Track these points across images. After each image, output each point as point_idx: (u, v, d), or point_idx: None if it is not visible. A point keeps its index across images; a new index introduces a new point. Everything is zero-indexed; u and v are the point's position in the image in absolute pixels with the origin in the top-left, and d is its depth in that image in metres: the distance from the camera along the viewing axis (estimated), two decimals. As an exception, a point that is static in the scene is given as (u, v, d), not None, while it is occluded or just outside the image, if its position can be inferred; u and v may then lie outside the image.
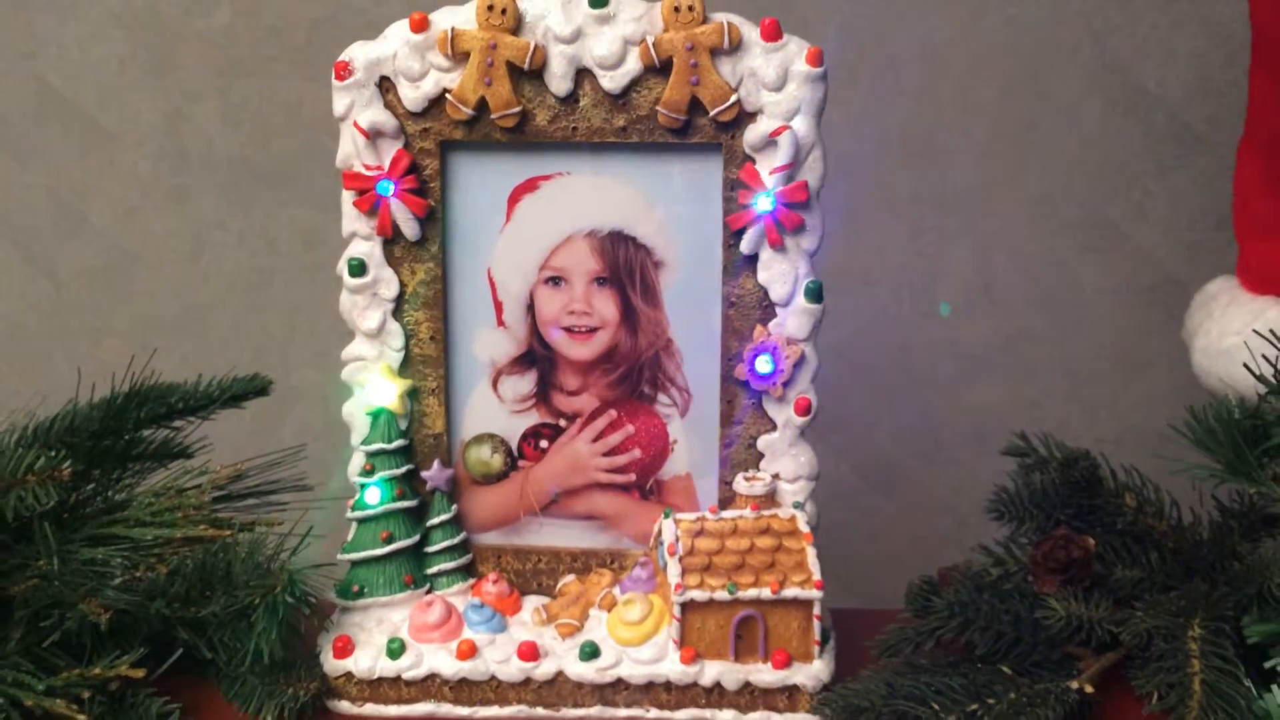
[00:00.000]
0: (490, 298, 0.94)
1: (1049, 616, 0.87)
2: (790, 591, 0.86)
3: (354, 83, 0.89)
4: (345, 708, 0.90)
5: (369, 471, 0.94)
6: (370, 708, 0.90)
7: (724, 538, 0.89)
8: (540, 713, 0.89)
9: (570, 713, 0.89)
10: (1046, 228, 1.44)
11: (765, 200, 0.88)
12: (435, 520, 0.96)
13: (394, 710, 0.90)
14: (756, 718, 0.88)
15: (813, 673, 0.87)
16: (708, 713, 0.88)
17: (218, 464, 0.96)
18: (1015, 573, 0.94)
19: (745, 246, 0.90)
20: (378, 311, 0.93)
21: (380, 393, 0.94)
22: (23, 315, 1.52)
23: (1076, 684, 0.83)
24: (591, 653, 0.89)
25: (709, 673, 0.88)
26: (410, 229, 0.91)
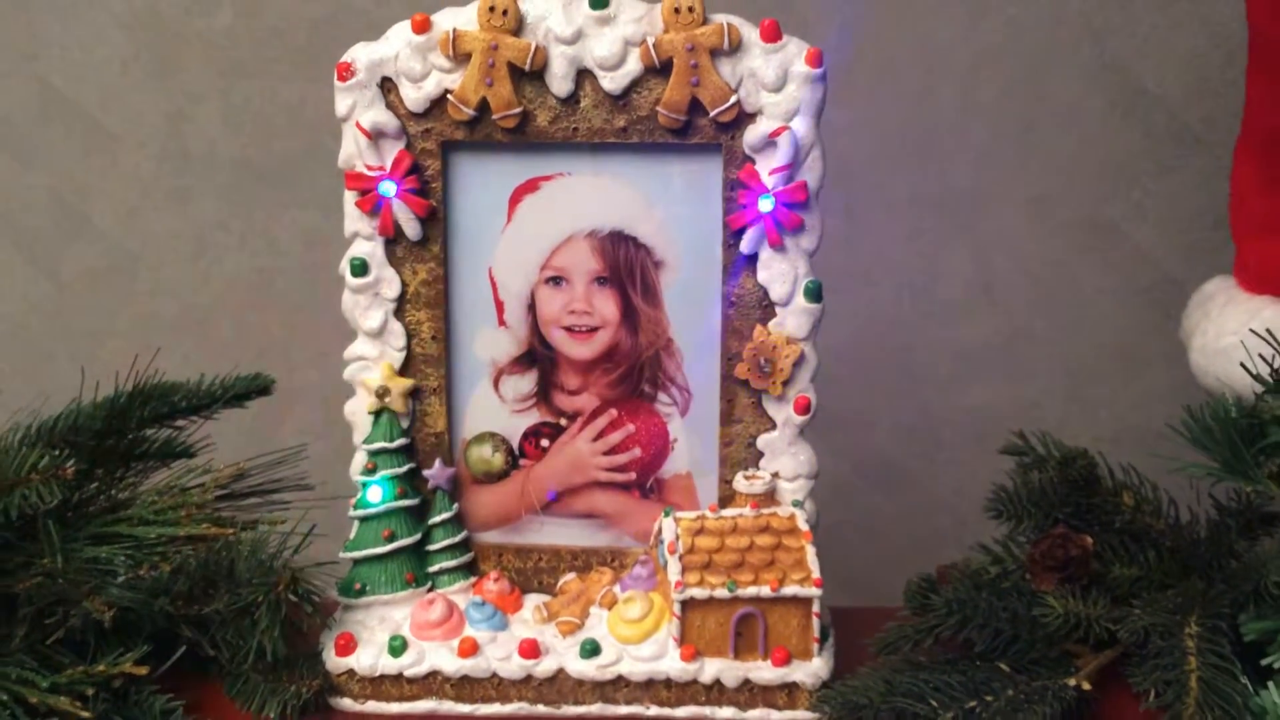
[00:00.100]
0: (491, 297, 0.95)
1: (1047, 614, 0.87)
2: (789, 589, 0.87)
3: (356, 83, 0.89)
4: (347, 705, 0.90)
5: (371, 470, 0.94)
6: (372, 705, 0.90)
7: (724, 536, 0.89)
8: (541, 710, 0.90)
9: (571, 710, 0.89)
10: (1045, 228, 1.44)
11: (765, 200, 0.88)
12: (437, 519, 0.96)
13: (396, 707, 0.90)
14: (756, 715, 0.88)
15: (812, 670, 0.88)
16: (707, 710, 0.89)
17: (220, 463, 0.96)
18: (1013, 571, 0.94)
19: (745, 246, 0.90)
20: (380, 311, 0.93)
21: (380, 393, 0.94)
22: (26, 315, 1.52)
23: (1074, 681, 0.83)
24: (592, 650, 0.89)
25: (709, 670, 0.88)
26: (412, 229, 0.91)
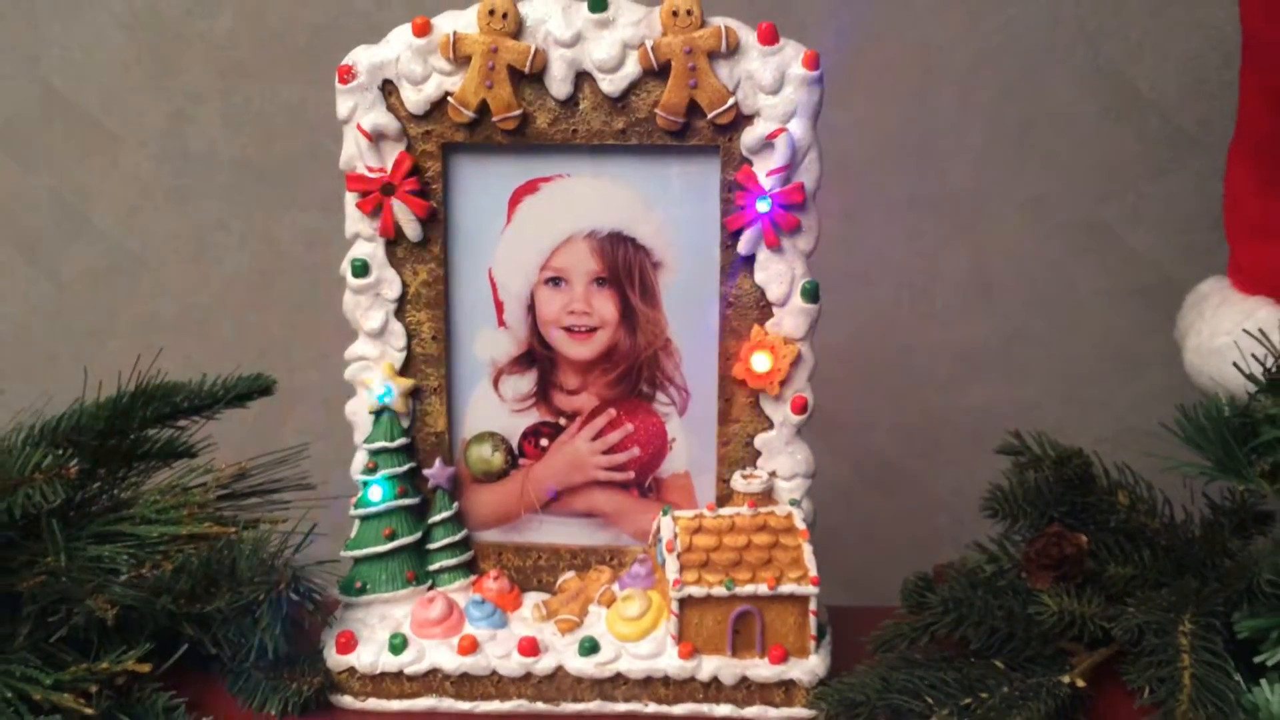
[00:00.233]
0: (491, 298, 0.95)
1: (1042, 612, 0.87)
2: (786, 587, 0.87)
3: (357, 86, 0.90)
4: (348, 702, 0.91)
5: (372, 469, 0.95)
6: (373, 702, 0.91)
7: (721, 534, 0.90)
8: (540, 707, 0.90)
9: (570, 707, 0.90)
10: (1043, 229, 1.45)
11: (762, 202, 0.89)
12: (437, 517, 0.96)
13: (396, 705, 0.90)
14: (753, 712, 0.89)
15: (809, 667, 0.88)
16: (705, 707, 0.89)
17: (222, 463, 0.97)
18: (1009, 569, 0.94)
19: (743, 247, 0.90)
20: (380, 312, 0.94)
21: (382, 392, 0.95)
22: (28, 316, 1.52)
23: (1068, 678, 0.84)
24: (591, 648, 0.89)
25: (706, 668, 0.88)
26: (412, 230, 0.92)
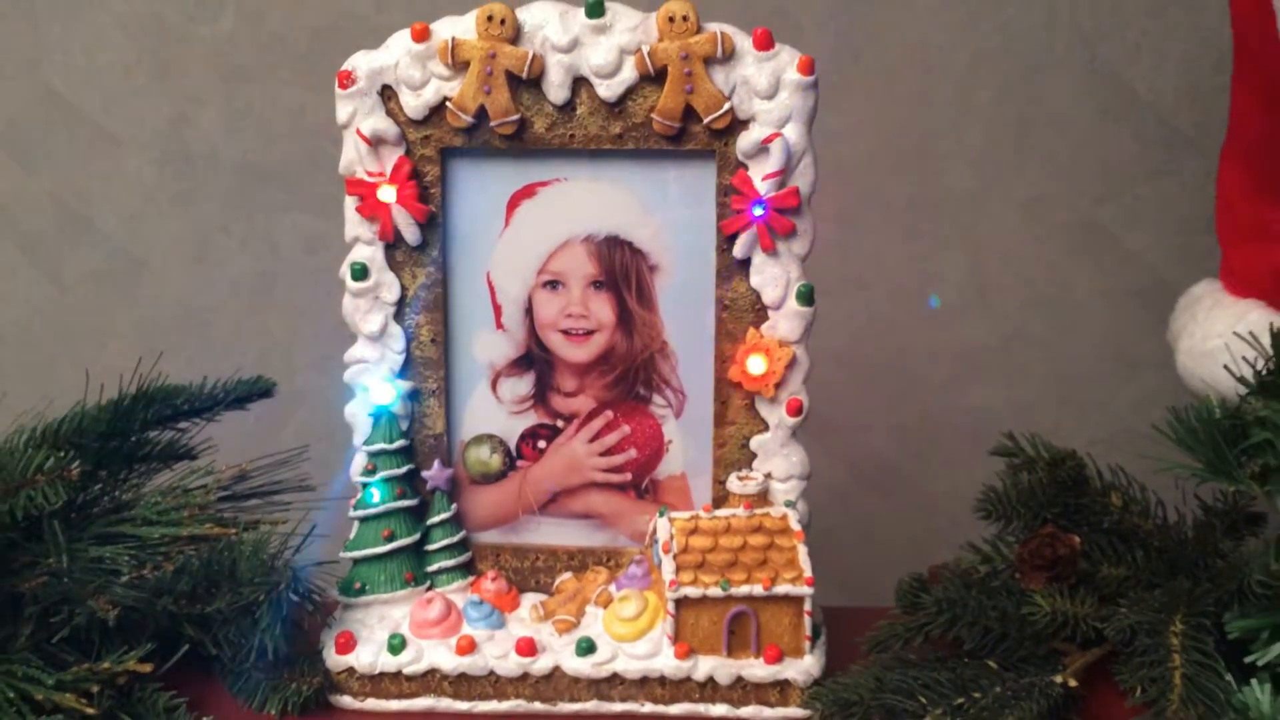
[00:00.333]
0: (489, 301, 0.95)
1: (1034, 613, 0.88)
2: (782, 588, 0.88)
3: (356, 91, 0.90)
4: (347, 702, 0.91)
5: (371, 471, 0.95)
6: (371, 702, 0.91)
7: (717, 536, 0.90)
8: (537, 707, 0.90)
9: (567, 707, 0.90)
10: (1039, 231, 1.45)
11: (757, 206, 0.89)
12: (435, 519, 0.97)
13: (395, 705, 0.91)
14: (749, 712, 0.89)
15: (804, 667, 0.88)
16: (701, 707, 0.89)
17: (222, 465, 0.97)
18: (1003, 570, 0.95)
19: (738, 251, 0.91)
20: (379, 315, 0.94)
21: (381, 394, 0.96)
22: (30, 319, 1.52)
23: (1060, 678, 0.84)
24: (588, 648, 0.90)
25: (702, 668, 0.89)
26: (411, 234, 0.92)
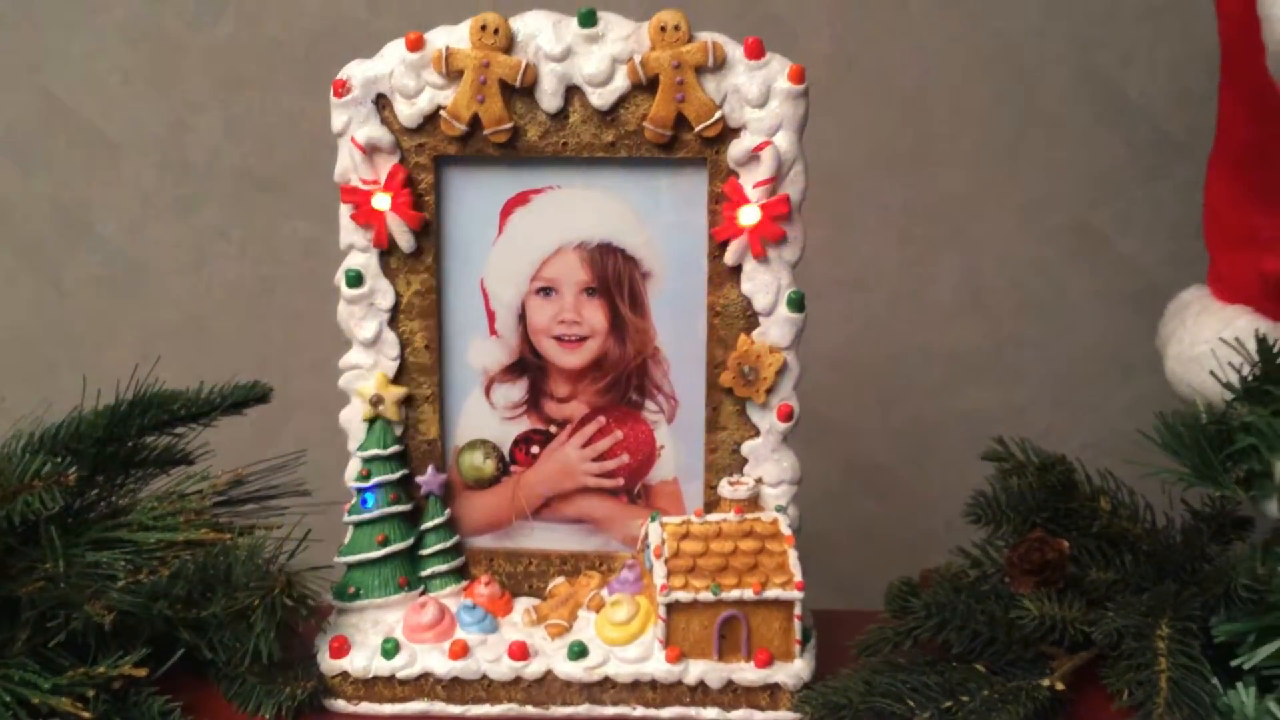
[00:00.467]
0: (483, 307, 0.96)
1: (1023, 616, 0.88)
2: (772, 592, 0.88)
3: (351, 100, 0.91)
4: (341, 706, 0.92)
5: (365, 477, 0.96)
6: (365, 706, 0.91)
7: (708, 540, 0.90)
8: (530, 711, 0.91)
9: (559, 711, 0.91)
10: (1033, 235, 1.46)
11: (748, 213, 0.90)
12: (429, 524, 0.97)
13: (388, 709, 0.91)
14: (739, 715, 0.89)
15: (794, 671, 0.89)
16: (692, 710, 0.90)
17: (219, 470, 0.97)
18: (992, 574, 0.95)
19: (729, 258, 0.91)
20: (374, 321, 0.95)
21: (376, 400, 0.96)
22: (28, 324, 1.53)
23: (1048, 682, 0.85)
24: (580, 652, 0.90)
25: (693, 671, 0.89)
26: (405, 241, 0.93)
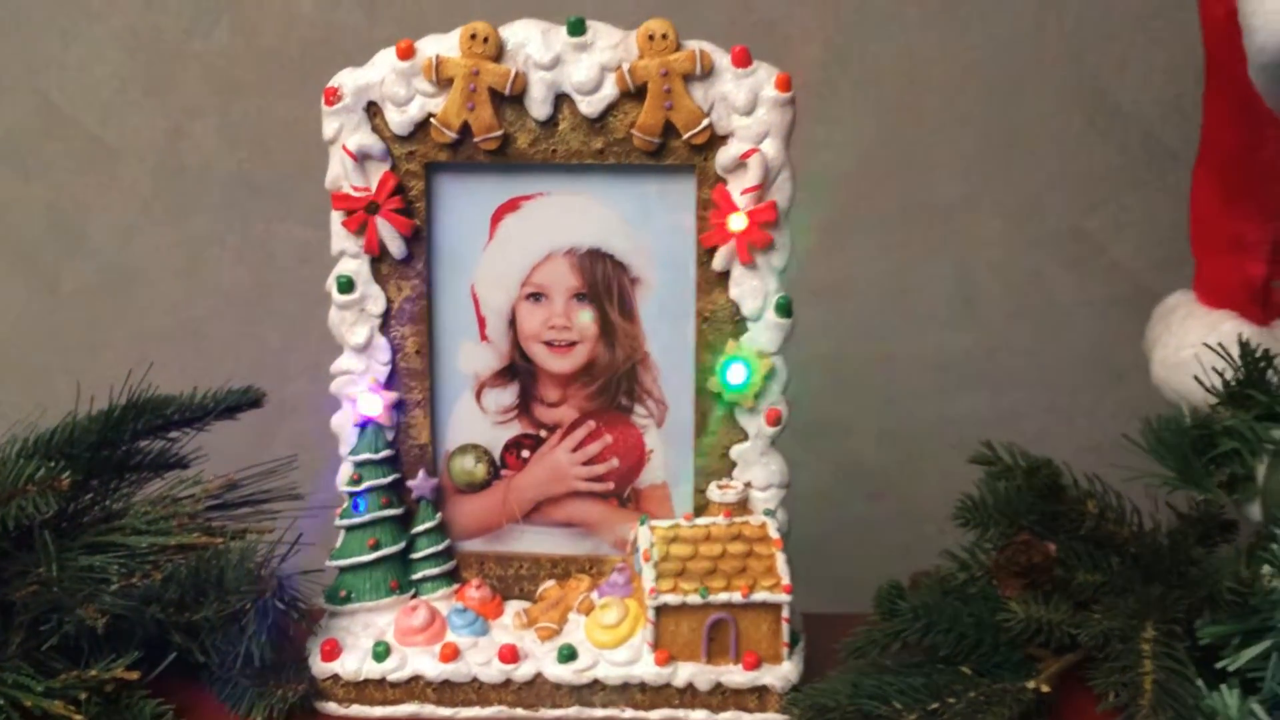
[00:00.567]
0: (474, 313, 0.96)
1: (1009, 619, 0.88)
2: (760, 595, 0.88)
3: (342, 108, 0.91)
4: (332, 709, 0.92)
5: (357, 481, 0.96)
6: (356, 709, 0.92)
7: (697, 544, 0.91)
8: (520, 713, 0.91)
9: (549, 713, 0.91)
10: (1026, 240, 1.46)
11: (736, 219, 0.90)
12: (420, 528, 0.98)
13: (379, 711, 0.92)
14: (728, 717, 0.90)
15: (781, 673, 0.89)
16: (681, 713, 0.90)
17: (212, 474, 0.97)
18: (979, 577, 0.95)
19: (717, 264, 0.92)
20: (365, 327, 0.95)
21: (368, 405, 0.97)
22: (23, 329, 1.53)
23: (1034, 684, 0.85)
24: (569, 655, 0.91)
25: (682, 674, 0.89)
26: (397, 247, 0.93)
